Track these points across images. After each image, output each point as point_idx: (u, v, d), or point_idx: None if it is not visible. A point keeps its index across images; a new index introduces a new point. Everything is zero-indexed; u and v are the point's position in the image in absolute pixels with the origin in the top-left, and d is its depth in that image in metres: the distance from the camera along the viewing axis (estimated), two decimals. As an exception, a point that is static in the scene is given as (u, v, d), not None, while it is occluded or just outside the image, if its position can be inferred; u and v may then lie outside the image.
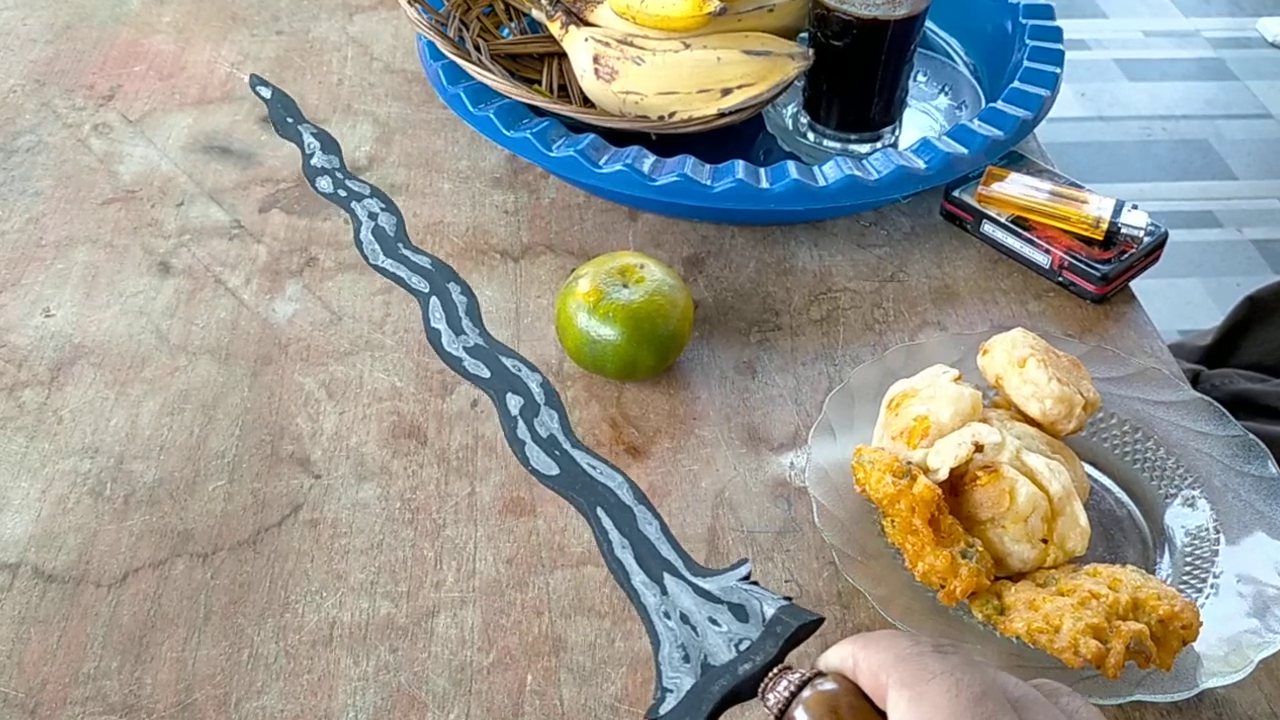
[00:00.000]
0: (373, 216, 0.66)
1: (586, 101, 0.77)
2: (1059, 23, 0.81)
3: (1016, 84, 0.76)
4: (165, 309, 0.69)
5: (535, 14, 0.79)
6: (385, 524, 0.58)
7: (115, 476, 0.59)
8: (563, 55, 0.81)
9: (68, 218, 0.75)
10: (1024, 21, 0.81)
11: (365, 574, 0.55)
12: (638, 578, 0.43)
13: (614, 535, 0.45)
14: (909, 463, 0.53)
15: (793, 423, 0.63)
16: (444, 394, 0.64)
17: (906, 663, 0.33)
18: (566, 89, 0.81)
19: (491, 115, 0.72)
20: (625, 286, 0.62)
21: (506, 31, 0.85)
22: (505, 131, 0.72)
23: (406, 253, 0.64)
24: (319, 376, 0.65)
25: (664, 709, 0.38)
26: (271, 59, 0.90)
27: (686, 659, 0.39)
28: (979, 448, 0.53)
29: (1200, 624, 0.48)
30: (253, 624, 0.53)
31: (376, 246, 0.64)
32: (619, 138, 0.72)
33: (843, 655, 0.35)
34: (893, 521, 0.52)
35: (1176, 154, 2.10)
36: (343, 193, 0.72)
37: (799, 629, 0.39)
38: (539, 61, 0.83)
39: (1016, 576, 0.52)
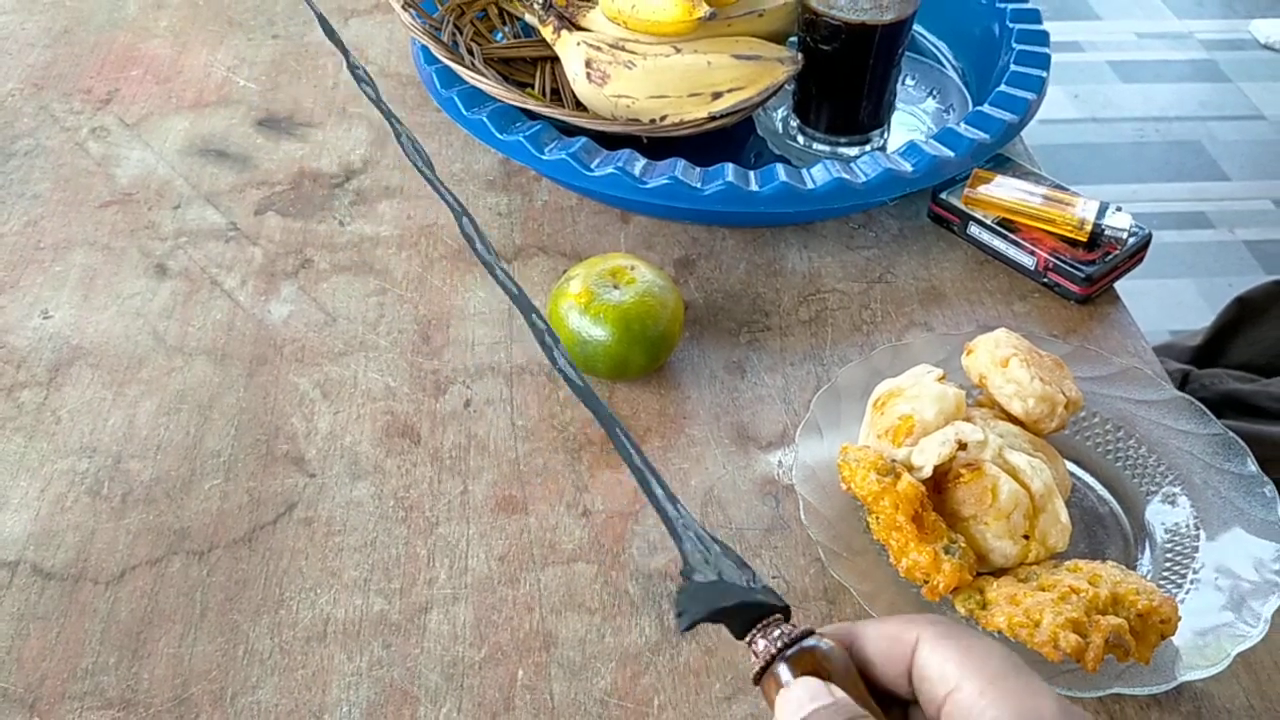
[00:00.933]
0: None
1: (579, 105, 0.78)
2: (1050, 25, 0.82)
3: (1003, 87, 0.77)
4: (162, 310, 0.70)
5: (528, 19, 0.80)
6: (379, 522, 0.58)
7: (113, 476, 0.60)
8: (555, 59, 0.82)
9: (65, 220, 0.76)
10: (1011, 25, 0.82)
11: (359, 571, 0.56)
12: (660, 492, 0.41)
13: (634, 455, 0.43)
14: (893, 460, 0.54)
15: (781, 422, 0.64)
16: (437, 394, 0.65)
17: (941, 623, 0.33)
18: (559, 93, 0.82)
19: (485, 119, 0.73)
20: (616, 288, 0.63)
21: (500, 36, 0.86)
22: (498, 135, 0.72)
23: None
24: (314, 377, 0.66)
25: (698, 578, 0.37)
26: (267, 63, 0.91)
27: (706, 561, 0.38)
28: (962, 446, 0.54)
29: (1179, 618, 0.49)
30: (248, 620, 0.54)
31: None
32: (611, 141, 0.73)
33: (841, 629, 0.35)
34: (877, 518, 0.52)
35: (1169, 155, 2.11)
36: None
37: (783, 606, 0.39)
38: (532, 66, 0.84)
39: (999, 572, 0.53)
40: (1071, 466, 0.59)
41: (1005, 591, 0.50)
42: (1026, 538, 0.53)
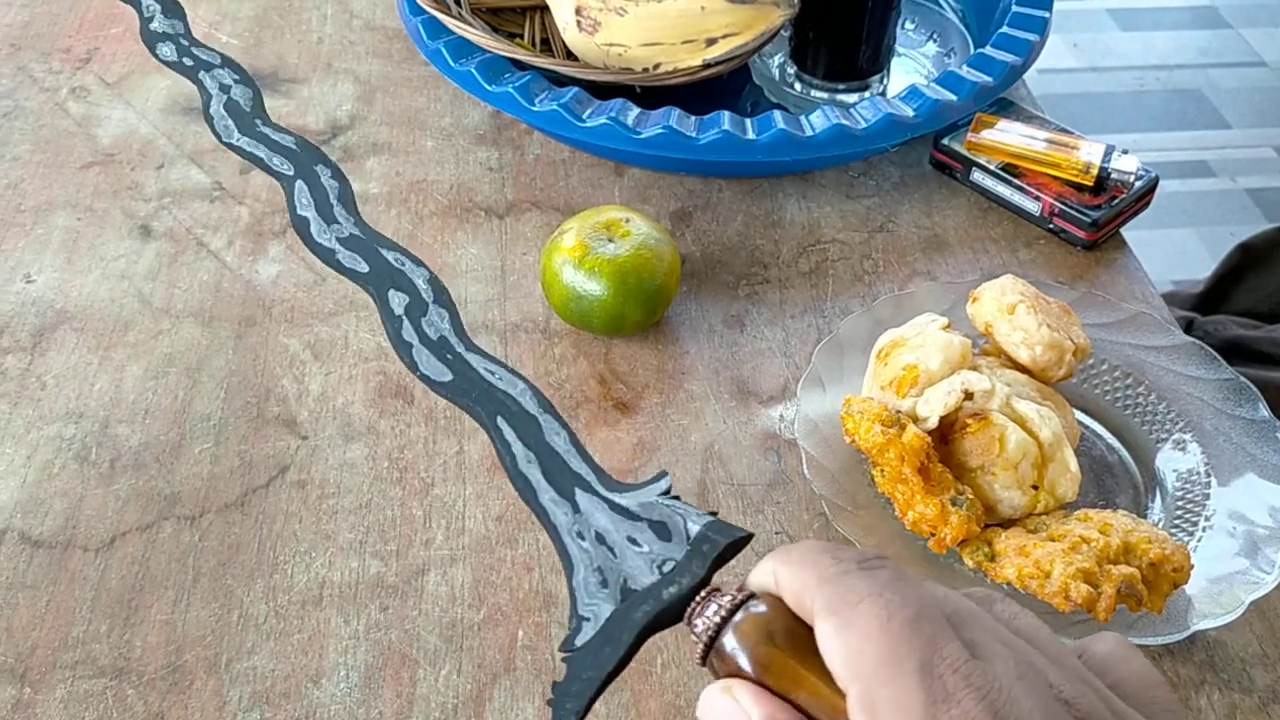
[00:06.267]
0: (225, 89, 0.58)
1: (570, 55, 0.76)
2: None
3: (1005, 29, 0.75)
4: (147, 272, 0.68)
5: (516, -34, 0.78)
6: (373, 483, 0.57)
7: (100, 441, 0.59)
8: (545, 8, 0.80)
9: (47, 182, 0.74)
10: (1012, -34, 0.80)
11: (354, 533, 0.55)
12: (546, 495, 0.38)
13: (517, 448, 0.40)
14: (898, 412, 0.53)
15: (782, 375, 0.63)
16: (430, 353, 0.63)
17: (831, 584, 0.30)
18: (549, 43, 0.80)
19: (473, 70, 0.71)
20: (611, 241, 0.62)
21: (488, -15, 0.84)
22: (487, 86, 0.71)
23: (266, 130, 0.56)
24: (304, 337, 0.64)
25: (580, 639, 0.34)
26: (250, 18, 0.88)
27: (604, 584, 0.35)
28: (968, 395, 0.52)
29: (1191, 567, 0.48)
30: (242, 585, 0.53)
31: (230, 122, 0.57)
32: (603, 91, 0.71)
33: (763, 574, 0.32)
34: (882, 471, 0.51)
35: (1170, 104, 2.08)
36: (188, 61, 0.62)
37: (727, 546, 0.35)
38: (521, 15, 0.82)
39: (1007, 523, 0.52)
40: (1080, 415, 0.58)
41: (1014, 543, 0.49)
42: (1035, 488, 0.52)
